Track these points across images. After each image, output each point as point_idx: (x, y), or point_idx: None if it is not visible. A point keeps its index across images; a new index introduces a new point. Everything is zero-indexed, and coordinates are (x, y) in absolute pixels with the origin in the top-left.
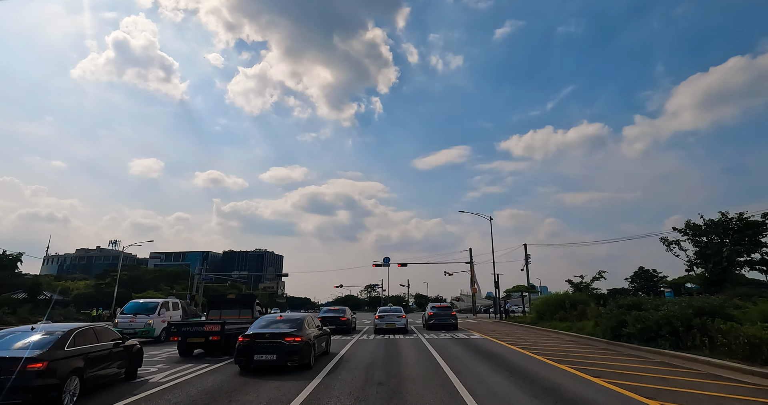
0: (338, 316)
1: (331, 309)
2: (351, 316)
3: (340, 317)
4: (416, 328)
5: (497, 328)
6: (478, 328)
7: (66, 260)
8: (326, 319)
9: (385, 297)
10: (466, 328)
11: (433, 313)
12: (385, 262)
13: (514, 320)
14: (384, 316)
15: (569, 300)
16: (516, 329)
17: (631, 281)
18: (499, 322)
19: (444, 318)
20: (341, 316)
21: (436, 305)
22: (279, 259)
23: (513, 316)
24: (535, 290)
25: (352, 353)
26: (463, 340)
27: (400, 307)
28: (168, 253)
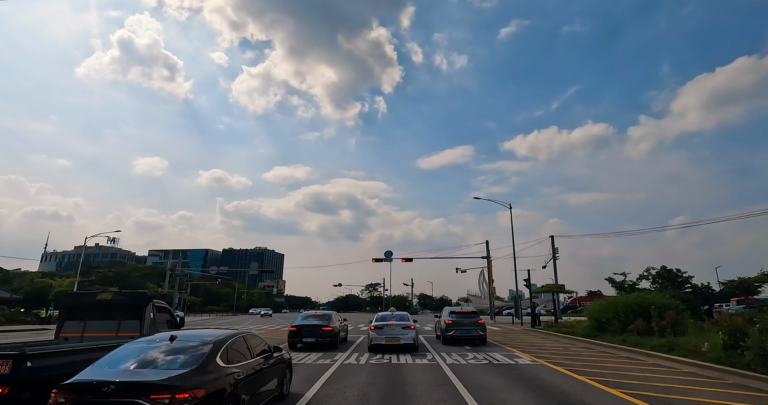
0: (320, 325)
1: (312, 314)
2: (339, 324)
3: (323, 326)
4: (426, 340)
5: (540, 343)
6: (512, 341)
7: (65, 257)
8: (302, 329)
9: (387, 297)
10: (497, 342)
11: (452, 322)
12: (387, 257)
13: (554, 329)
14: (383, 326)
15: (655, 305)
16: (572, 345)
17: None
18: (532, 331)
19: (468, 328)
20: (324, 325)
21: (457, 310)
22: (280, 258)
23: (545, 322)
24: (569, 290)
25: (325, 396)
26: (509, 367)
27: (405, 313)
28: (167, 251)
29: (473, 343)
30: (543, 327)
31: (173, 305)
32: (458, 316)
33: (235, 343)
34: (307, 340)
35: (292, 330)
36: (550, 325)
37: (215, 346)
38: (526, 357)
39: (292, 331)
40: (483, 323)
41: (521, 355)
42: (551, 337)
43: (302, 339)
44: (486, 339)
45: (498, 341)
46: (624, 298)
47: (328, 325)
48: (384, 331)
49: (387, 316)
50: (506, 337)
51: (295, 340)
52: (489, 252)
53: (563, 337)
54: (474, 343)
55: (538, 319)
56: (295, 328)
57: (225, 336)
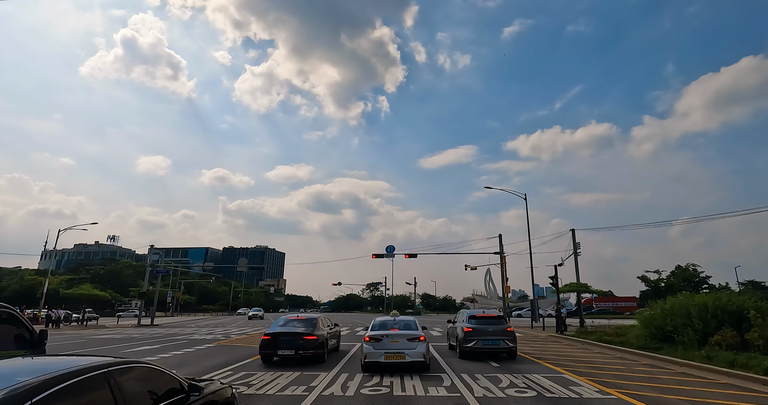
0: (301, 333)
1: (294, 318)
2: (328, 331)
3: (305, 335)
4: (436, 351)
5: (586, 357)
6: (545, 353)
7: (65, 256)
8: (278, 339)
9: (388, 296)
10: (528, 355)
11: (472, 329)
12: (389, 252)
13: (592, 337)
14: (382, 337)
15: (757, 310)
16: (631, 362)
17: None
18: (563, 339)
19: (493, 338)
20: (307, 333)
21: (478, 314)
22: (280, 257)
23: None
24: (596, 290)
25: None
26: (570, 402)
27: (412, 319)
28: (168, 249)
29: (499, 358)
30: (573, 333)
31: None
32: (480, 322)
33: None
34: (283, 352)
35: (265, 339)
36: (585, 332)
37: None
38: (586, 384)
39: (265, 340)
40: (513, 332)
41: (578, 380)
42: (593, 348)
43: (277, 351)
44: (516, 352)
45: (528, 354)
46: (700, 298)
47: (312, 333)
48: (383, 343)
49: (388, 322)
50: (535, 348)
51: (269, 351)
52: (502, 247)
53: (609, 348)
54: (499, 357)
55: (563, 323)
56: (269, 336)
57: (57, 375)
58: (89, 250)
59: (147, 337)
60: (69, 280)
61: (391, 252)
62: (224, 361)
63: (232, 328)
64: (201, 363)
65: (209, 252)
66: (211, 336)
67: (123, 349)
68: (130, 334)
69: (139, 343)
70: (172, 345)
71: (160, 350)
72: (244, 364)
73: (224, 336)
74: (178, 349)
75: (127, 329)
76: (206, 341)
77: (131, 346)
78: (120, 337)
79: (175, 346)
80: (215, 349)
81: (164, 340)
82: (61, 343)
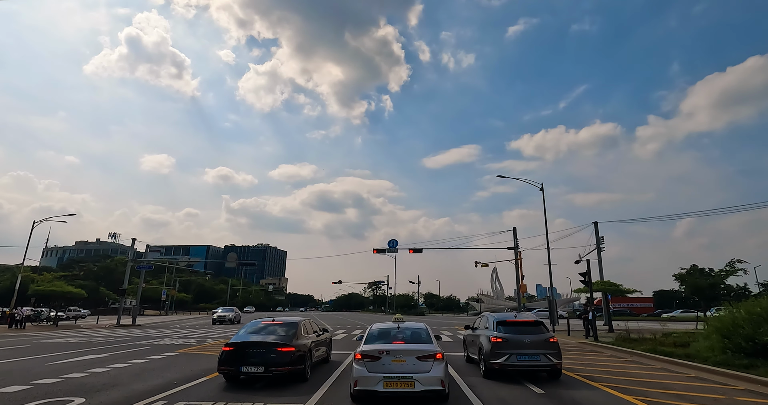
0: (273, 343)
1: (269, 323)
2: (314, 339)
3: (278, 346)
4: (450, 366)
5: (650, 376)
6: (592, 370)
7: (66, 253)
8: (244, 351)
9: (390, 295)
10: (572, 372)
11: (503, 340)
12: (391, 247)
13: (641, 346)
14: (381, 354)
15: None
16: (723, 386)
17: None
18: (600, 348)
19: (532, 353)
20: (281, 344)
21: (510, 320)
22: (282, 255)
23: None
24: (627, 289)
25: None
26: None
27: (423, 327)
28: (168, 247)
29: (538, 378)
30: (611, 340)
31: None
32: (513, 329)
33: None
34: (249, 369)
35: (226, 351)
36: (625, 340)
37: None
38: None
39: (226, 352)
40: (557, 344)
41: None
42: (649, 363)
43: (241, 367)
44: (561, 371)
45: (572, 371)
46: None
47: (288, 345)
48: (383, 363)
49: (389, 331)
50: (574, 361)
51: (231, 368)
52: (516, 241)
53: (671, 362)
54: (538, 376)
55: (593, 328)
56: (232, 347)
57: None
58: (90, 248)
59: (108, 341)
60: (61, 277)
61: (394, 246)
62: (170, 379)
63: (215, 330)
64: (135, 384)
65: (210, 250)
66: (184, 340)
67: (54, 360)
68: (92, 338)
69: (86, 352)
70: (126, 353)
71: (103, 361)
72: (194, 385)
73: (199, 340)
74: (125, 361)
75: (101, 330)
76: (173, 347)
77: (70, 356)
78: (74, 342)
79: (129, 354)
80: (173, 360)
81: (124, 346)
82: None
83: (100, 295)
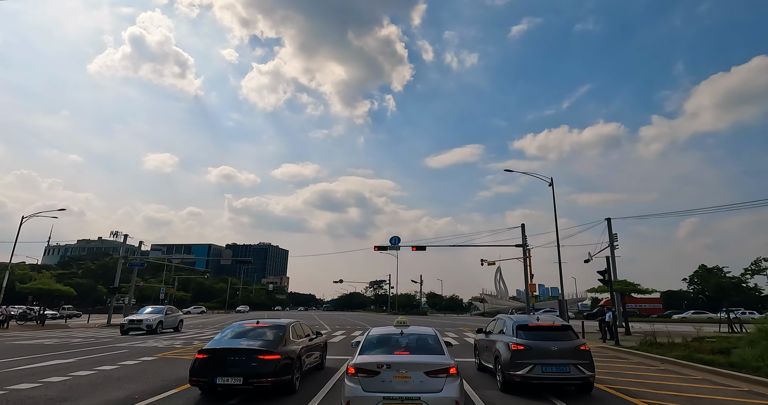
0: (254, 351)
1: (250, 326)
2: (305, 344)
3: (261, 354)
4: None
5: (696, 390)
6: (626, 381)
7: (68, 251)
8: (220, 358)
9: (392, 295)
10: (607, 387)
11: (525, 347)
12: (393, 244)
13: (673, 353)
14: (380, 368)
15: None
16: None
17: (690, 283)
18: (625, 353)
19: (560, 363)
20: (263, 350)
21: (532, 323)
22: (284, 254)
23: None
24: (645, 289)
25: None
26: None
27: (432, 332)
28: (170, 246)
29: (566, 393)
30: (636, 345)
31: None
32: (537, 335)
33: None
34: (225, 380)
35: (199, 358)
36: (651, 344)
37: None
38: None
39: (199, 360)
40: (589, 352)
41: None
42: (688, 373)
43: (216, 378)
44: (593, 384)
45: (603, 383)
46: None
47: (273, 351)
48: (382, 380)
49: (391, 338)
50: (602, 370)
51: (204, 380)
52: (525, 238)
53: (713, 371)
54: (566, 391)
55: (610, 331)
56: (207, 354)
57: None
58: (91, 246)
59: (87, 343)
60: (59, 275)
61: (396, 243)
62: (133, 392)
63: (207, 331)
64: (88, 398)
65: (212, 249)
66: (169, 342)
67: (10, 367)
68: (72, 339)
69: (56, 356)
70: (98, 358)
71: (66, 368)
72: (160, 400)
73: (185, 342)
74: (91, 368)
75: (87, 330)
76: (154, 350)
77: (34, 361)
78: (49, 344)
79: (101, 359)
80: (147, 366)
81: (100, 349)
82: None
83: (97, 294)
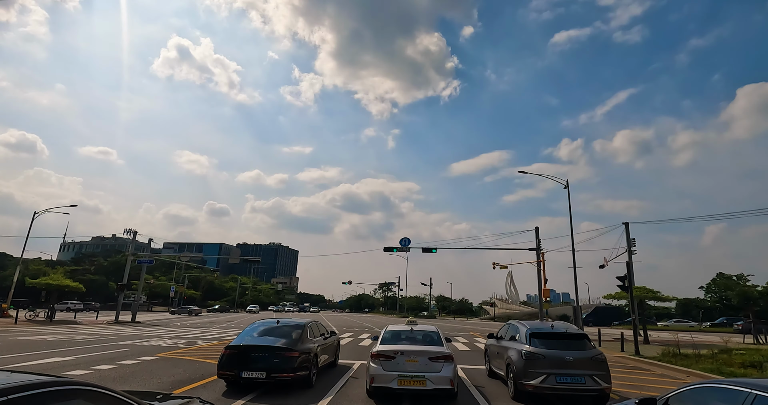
0: (276, 348)
1: (271, 326)
2: (320, 343)
3: (283, 351)
4: (473, 385)
5: None
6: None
7: (83, 247)
8: (246, 354)
9: (401, 297)
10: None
11: (537, 354)
12: (404, 245)
13: (699, 364)
14: (396, 354)
15: None
16: None
17: (707, 291)
18: (650, 365)
19: (576, 374)
20: (285, 348)
21: (546, 331)
22: (293, 254)
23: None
24: (665, 297)
25: None
26: None
27: (435, 330)
28: (182, 244)
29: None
30: (659, 356)
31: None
32: (551, 343)
33: None
34: (250, 374)
35: (227, 354)
36: (672, 354)
37: None
38: None
39: (227, 355)
40: (606, 363)
41: None
42: None
43: (242, 372)
44: (609, 396)
45: (621, 394)
46: None
47: (293, 349)
48: (397, 363)
49: (402, 333)
50: (623, 382)
51: (230, 373)
52: (539, 241)
53: None
54: (581, 403)
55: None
56: (234, 350)
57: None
58: (106, 243)
59: (91, 340)
60: (72, 271)
61: (406, 245)
62: None
63: (212, 330)
64: None
65: (223, 247)
66: (173, 341)
67: (5, 364)
68: (76, 336)
69: (55, 353)
70: (97, 356)
71: (62, 366)
72: None
73: (189, 342)
74: (88, 367)
75: (94, 327)
76: (156, 349)
77: (32, 357)
78: (52, 340)
79: (100, 358)
80: (146, 367)
81: (102, 347)
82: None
83: (109, 290)
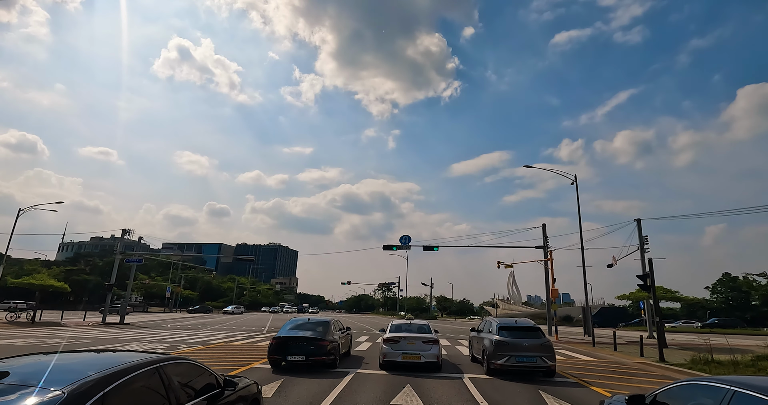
0: (312, 338)
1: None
2: (340, 335)
3: (318, 340)
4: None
5: None
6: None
7: (82, 248)
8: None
9: (401, 298)
10: None
11: (502, 340)
12: (404, 243)
13: (732, 373)
14: (400, 339)
15: None
16: None
17: (713, 291)
18: (674, 371)
19: (529, 355)
20: (319, 338)
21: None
22: (293, 255)
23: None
24: (684, 297)
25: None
26: None
27: (426, 323)
28: (181, 244)
29: (535, 378)
30: (688, 363)
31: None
32: (513, 334)
33: None
34: (293, 358)
35: (274, 343)
36: (703, 362)
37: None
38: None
39: (274, 344)
40: (551, 346)
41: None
42: None
43: (287, 356)
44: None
45: None
46: None
47: (324, 339)
48: (401, 344)
49: (404, 325)
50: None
51: (278, 357)
52: (546, 239)
53: None
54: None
55: None
56: (279, 340)
57: (121, 369)
58: (104, 243)
59: (60, 345)
60: (67, 271)
61: (406, 243)
62: None
63: (201, 333)
64: None
65: (222, 248)
66: (152, 346)
67: None
68: (48, 340)
69: None
70: None
71: None
72: None
73: (170, 346)
74: None
75: (76, 329)
76: None
77: None
78: (19, 345)
79: None
80: None
81: None
82: None
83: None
